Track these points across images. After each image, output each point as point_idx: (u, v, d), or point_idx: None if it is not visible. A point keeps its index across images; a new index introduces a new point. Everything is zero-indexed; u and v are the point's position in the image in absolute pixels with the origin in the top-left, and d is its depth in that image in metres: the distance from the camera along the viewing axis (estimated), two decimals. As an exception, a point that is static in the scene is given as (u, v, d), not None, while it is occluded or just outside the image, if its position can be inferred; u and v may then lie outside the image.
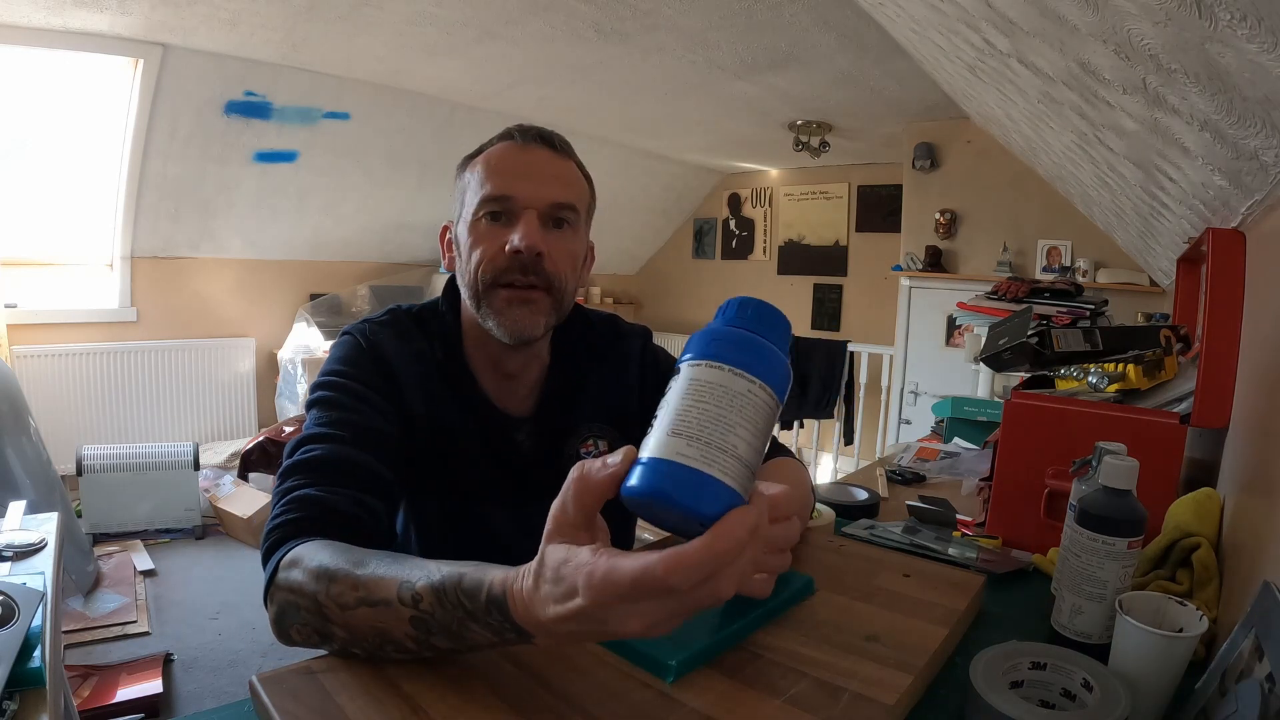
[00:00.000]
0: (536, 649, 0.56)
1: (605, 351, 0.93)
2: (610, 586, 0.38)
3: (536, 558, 0.44)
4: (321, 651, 0.57)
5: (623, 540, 0.97)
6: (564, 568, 0.41)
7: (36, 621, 0.77)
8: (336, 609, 0.54)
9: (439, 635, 0.50)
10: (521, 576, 0.45)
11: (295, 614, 0.58)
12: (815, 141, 3.93)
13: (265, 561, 0.64)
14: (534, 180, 0.79)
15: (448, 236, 0.87)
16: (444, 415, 0.82)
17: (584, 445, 0.89)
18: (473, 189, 0.80)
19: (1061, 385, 1.17)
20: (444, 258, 0.87)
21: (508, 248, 0.76)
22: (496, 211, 0.78)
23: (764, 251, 5.40)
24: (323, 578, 0.56)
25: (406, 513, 0.85)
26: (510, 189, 0.78)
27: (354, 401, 0.76)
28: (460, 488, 0.83)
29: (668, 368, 0.95)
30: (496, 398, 0.86)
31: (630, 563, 0.38)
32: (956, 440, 1.61)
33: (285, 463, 0.71)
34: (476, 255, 0.78)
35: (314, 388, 0.78)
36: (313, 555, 0.59)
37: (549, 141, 0.82)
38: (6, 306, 3.14)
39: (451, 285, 0.88)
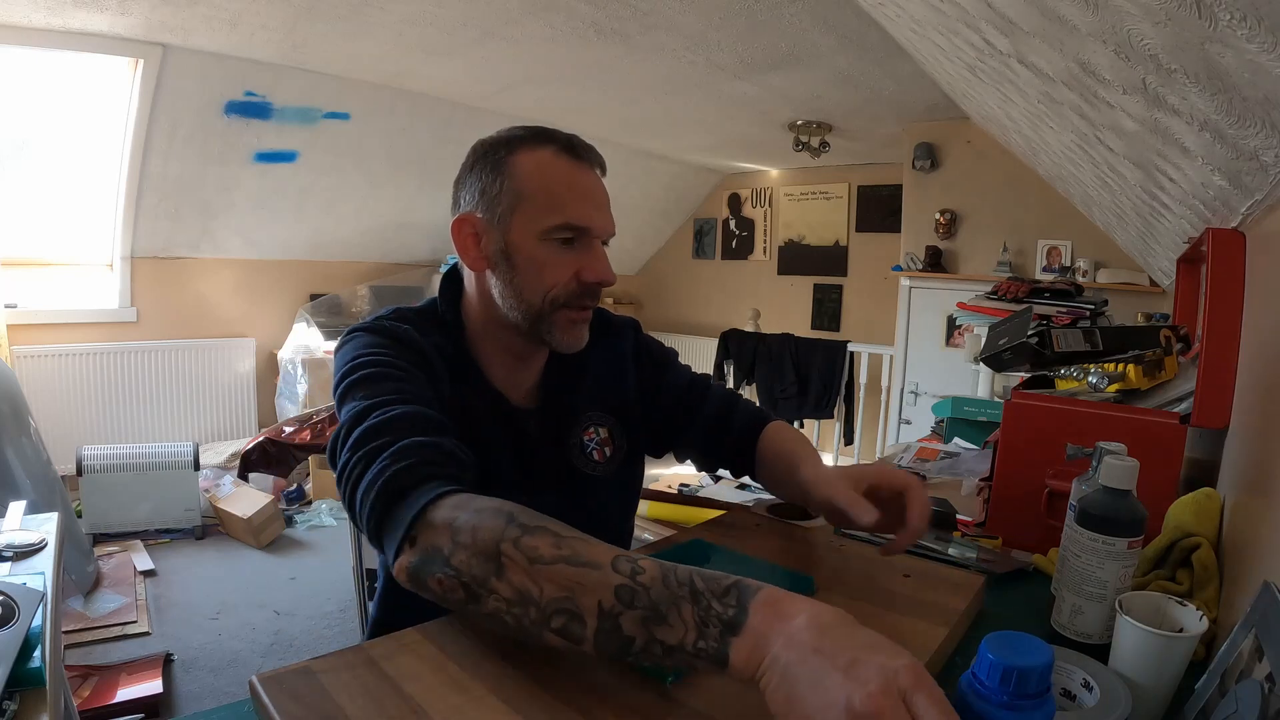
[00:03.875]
0: (540, 652, 0.56)
1: (599, 343, 0.95)
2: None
3: None
4: (326, 651, 0.57)
5: (624, 536, 1.00)
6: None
7: (36, 621, 0.76)
8: (524, 561, 0.51)
9: (638, 611, 0.48)
10: (790, 594, 0.47)
11: (443, 561, 0.54)
12: (815, 141, 3.93)
13: (394, 506, 0.59)
14: (602, 210, 0.82)
15: (468, 232, 0.81)
16: (466, 404, 0.82)
17: (585, 433, 0.92)
18: (534, 201, 0.78)
19: (1061, 385, 1.17)
20: (464, 254, 0.82)
21: (585, 277, 0.80)
22: (570, 238, 0.79)
23: (764, 251, 5.40)
24: (515, 526, 0.53)
25: None
26: (588, 220, 0.80)
27: (398, 374, 0.73)
28: (480, 476, 0.83)
29: (659, 356, 1.01)
30: (504, 390, 0.88)
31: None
32: (956, 440, 1.61)
33: (352, 437, 0.65)
34: (548, 278, 0.80)
35: (342, 377, 0.73)
36: (494, 503, 0.56)
37: (600, 164, 0.84)
38: (6, 306, 3.14)
39: (449, 282, 0.88)
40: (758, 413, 0.97)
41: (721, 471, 1.01)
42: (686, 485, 2.78)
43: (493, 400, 0.86)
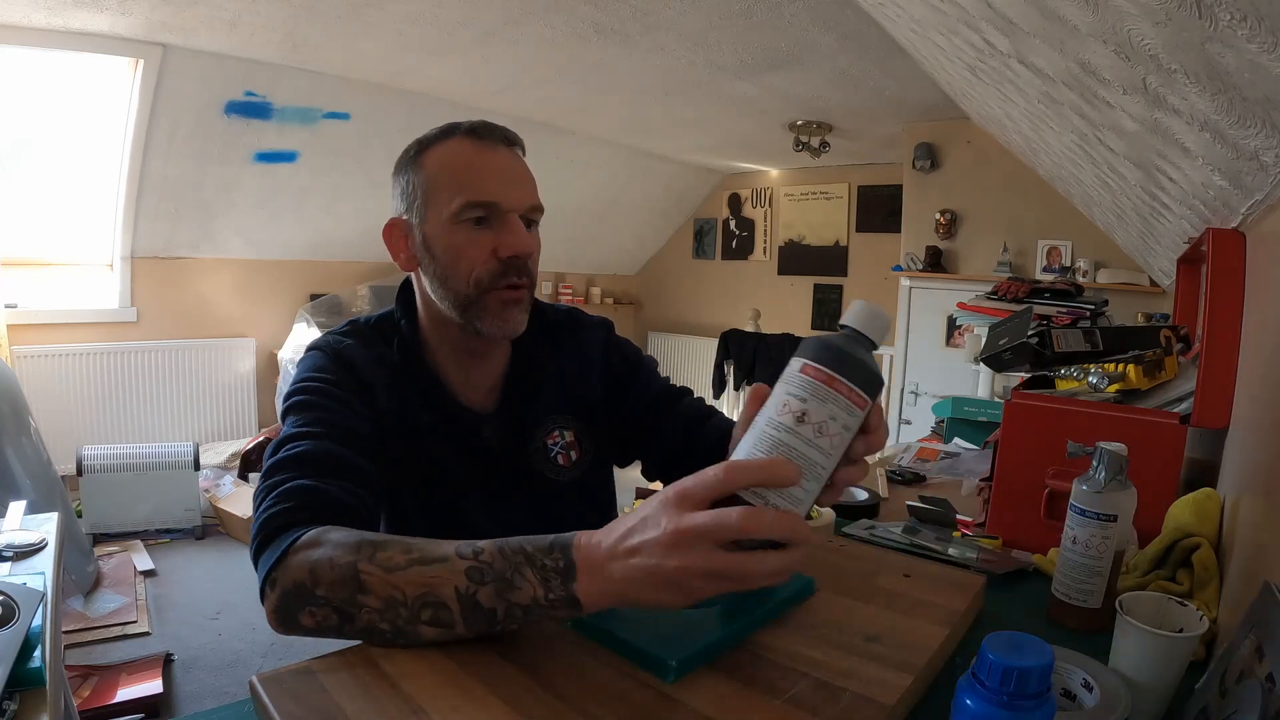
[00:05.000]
0: (540, 652, 0.56)
1: (566, 343, 0.94)
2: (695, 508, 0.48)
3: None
4: (324, 650, 0.57)
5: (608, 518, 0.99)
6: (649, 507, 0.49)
7: (36, 621, 0.76)
8: (381, 573, 0.55)
9: (489, 585, 0.53)
10: (594, 531, 0.53)
11: (307, 596, 0.58)
12: (815, 141, 3.93)
13: (262, 551, 0.63)
14: (511, 184, 0.80)
15: (396, 235, 0.84)
16: (413, 415, 0.83)
17: (549, 437, 0.90)
18: (441, 190, 0.79)
19: (1061, 385, 1.17)
20: (396, 257, 0.85)
21: (501, 253, 0.79)
22: (481, 217, 0.79)
23: (764, 252, 5.40)
24: (366, 546, 0.57)
25: (385, 510, 0.86)
26: (494, 194, 0.79)
27: (330, 403, 0.77)
28: (435, 483, 0.84)
29: (631, 359, 0.97)
30: (461, 395, 0.87)
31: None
32: (956, 440, 1.61)
33: (269, 462, 0.71)
34: (465, 263, 0.79)
35: (288, 396, 0.79)
36: (342, 534, 0.60)
37: (510, 141, 0.83)
38: (6, 306, 3.14)
39: (404, 291, 0.88)
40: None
41: None
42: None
43: (442, 406, 0.85)
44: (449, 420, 0.85)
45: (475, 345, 0.85)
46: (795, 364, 0.51)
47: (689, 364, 5.50)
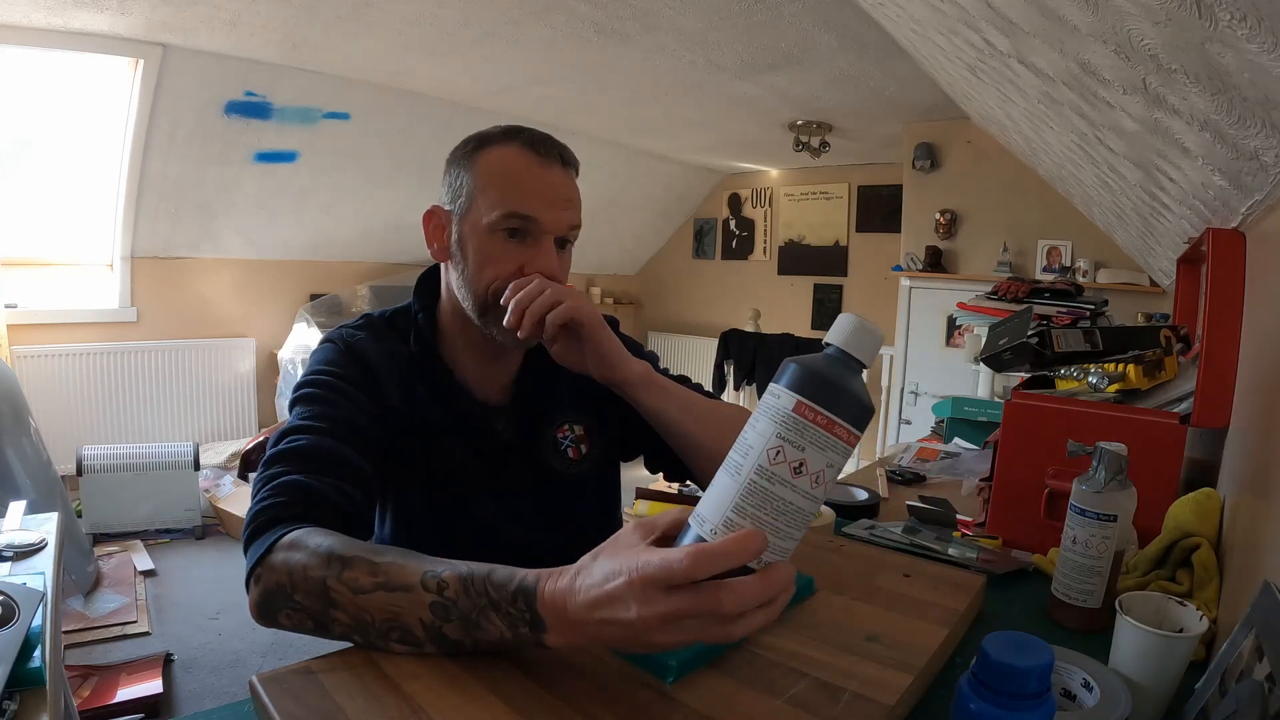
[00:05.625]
0: (540, 652, 0.56)
1: None
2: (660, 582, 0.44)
3: (577, 564, 0.49)
4: (324, 649, 0.57)
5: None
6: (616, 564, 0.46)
7: (36, 621, 0.76)
8: (348, 593, 0.56)
9: (454, 623, 0.53)
10: (557, 574, 0.50)
11: (286, 598, 0.59)
12: (815, 141, 3.93)
13: (251, 543, 0.64)
14: (555, 204, 0.80)
15: (435, 223, 0.85)
16: (424, 410, 0.84)
17: (560, 430, 0.92)
18: (487, 193, 0.79)
19: (1061, 385, 1.17)
20: (430, 244, 0.86)
21: (527, 271, 0.79)
22: (517, 229, 0.79)
23: (764, 251, 5.40)
24: (335, 562, 0.57)
25: (391, 505, 0.87)
26: (535, 211, 0.79)
27: (336, 397, 0.78)
28: (444, 478, 0.85)
29: (634, 353, 0.96)
30: (475, 388, 0.88)
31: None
32: (956, 440, 1.61)
33: (269, 452, 0.72)
34: (490, 271, 0.79)
35: (297, 387, 0.80)
36: (319, 540, 0.60)
37: (565, 160, 0.83)
38: (6, 306, 3.14)
39: (424, 282, 0.89)
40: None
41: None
42: (687, 485, 2.78)
43: (455, 400, 0.86)
44: (461, 413, 0.86)
45: (494, 345, 0.86)
46: (786, 398, 0.44)
47: (689, 364, 5.50)
